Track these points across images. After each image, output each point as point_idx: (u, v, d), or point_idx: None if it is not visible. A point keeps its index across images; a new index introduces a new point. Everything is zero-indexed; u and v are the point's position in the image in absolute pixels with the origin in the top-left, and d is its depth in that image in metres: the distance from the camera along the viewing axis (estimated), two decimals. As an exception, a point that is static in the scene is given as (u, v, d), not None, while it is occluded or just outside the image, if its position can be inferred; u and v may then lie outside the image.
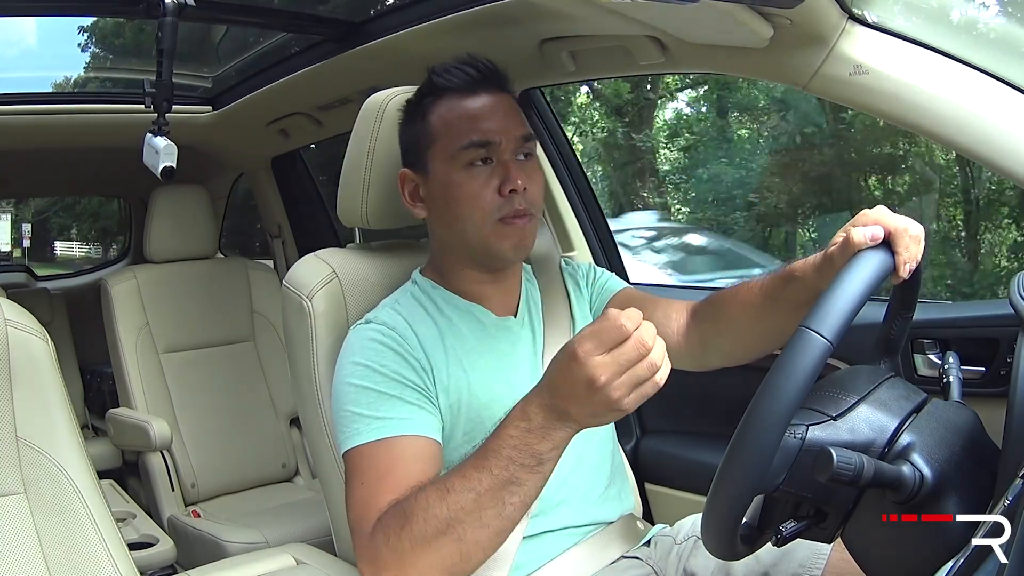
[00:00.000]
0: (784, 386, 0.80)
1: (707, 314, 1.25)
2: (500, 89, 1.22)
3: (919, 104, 1.14)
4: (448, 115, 1.19)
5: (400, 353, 1.14)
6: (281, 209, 2.86)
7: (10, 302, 1.10)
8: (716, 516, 0.85)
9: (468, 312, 1.24)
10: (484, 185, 1.16)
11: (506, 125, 1.18)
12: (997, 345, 1.30)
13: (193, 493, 2.41)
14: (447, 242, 1.24)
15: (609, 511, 1.28)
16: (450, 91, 1.20)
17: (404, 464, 1.06)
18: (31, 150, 2.55)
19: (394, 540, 0.98)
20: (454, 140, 1.17)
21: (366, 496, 1.05)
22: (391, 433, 1.08)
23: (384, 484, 1.04)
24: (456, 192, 1.17)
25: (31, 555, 1.03)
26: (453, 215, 1.19)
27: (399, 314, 1.20)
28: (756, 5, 1.12)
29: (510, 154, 1.18)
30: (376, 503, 1.03)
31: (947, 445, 0.87)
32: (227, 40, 2.46)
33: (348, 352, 1.17)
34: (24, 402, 1.05)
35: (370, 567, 1.02)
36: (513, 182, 1.16)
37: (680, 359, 1.29)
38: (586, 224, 1.96)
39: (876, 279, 0.90)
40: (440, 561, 0.97)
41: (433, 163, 1.20)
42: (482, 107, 1.19)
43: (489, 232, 1.17)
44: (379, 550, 1.00)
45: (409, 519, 0.98)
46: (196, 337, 2.56)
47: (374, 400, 1.10)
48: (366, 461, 1.07)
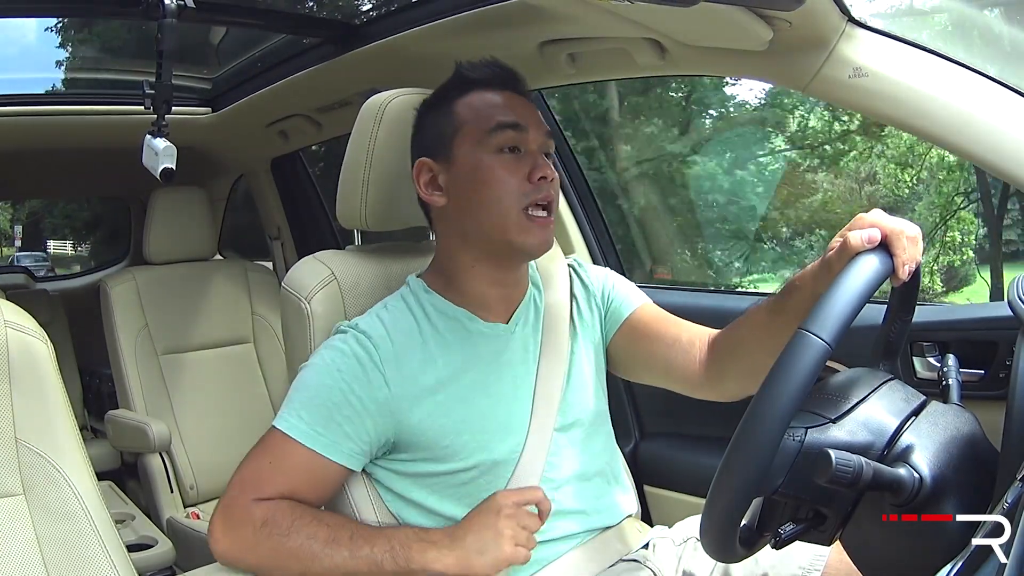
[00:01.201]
0: (783, 388, 0.80)
1: (723, 343, 1.25)
2: (521, 92, 1.24)
3: (918, 107, 1.14)
4: (477, 103, 1.21)
5: (364, 366, 1.15)
6: (280, 211, 2.86)
7: (9, 303, 1.10)
8: (715, 518, 0.85)
9: (455, 319, 1.22)
10: (513, 171, 1.17)
11: (532, 117, 1.21)
12: (996, 348, 1.30)
13: (192, 495, 2.41)
14: (461, 231, 1.22)
15: (608, 514, 1.28)
16: (478, 84, 1.22)
17: (302, 471, 1.13)
18: (30, 151, 2.55)
19: (266, 530, 1.09)
20: (483, 123, 1.19)
21: (266, 472, 1.13)
22: (305, 441, 1.13)
23: (284, 476, 1.13)
24: (485, 175, 1.17)
25: (30, 556, 1.03)
26: (479, 199, 1.18)
27: (381, 322, 1.19)
28: (755, 7, 1.12)
29: (537, 147, 1.20)
30: (270, 484, 1.12)
31: (946, 448, 0.87)
32: (227, 41, 2.46)
33: (323, 345, 1.20)
34: (23, 404, 1.05)
35: (227, 525, 1.11)
36: (543, 170, 1.17)
37: (700, 388, 1.30)
38: (585, 225, 1.96)
39: (874, 281, 0.90)
40: (275, 570, 1.10)
41: (460, 148, 1.20)
42: (509, 99, 1.21)
43: (514, 222, 1.17)
44: (247, 522, 1.10)
45: (293, 531, 1.09)
46: (195, 339, 2.56)
47: (310, 400, 1.15)
48: (280, 446, 1.14)
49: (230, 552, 1.11)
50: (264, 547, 1.09)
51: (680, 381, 1.31)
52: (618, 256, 2.01)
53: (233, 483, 1.14)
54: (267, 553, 1.09)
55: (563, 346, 1.27)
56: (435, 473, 1.17)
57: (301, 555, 1.08)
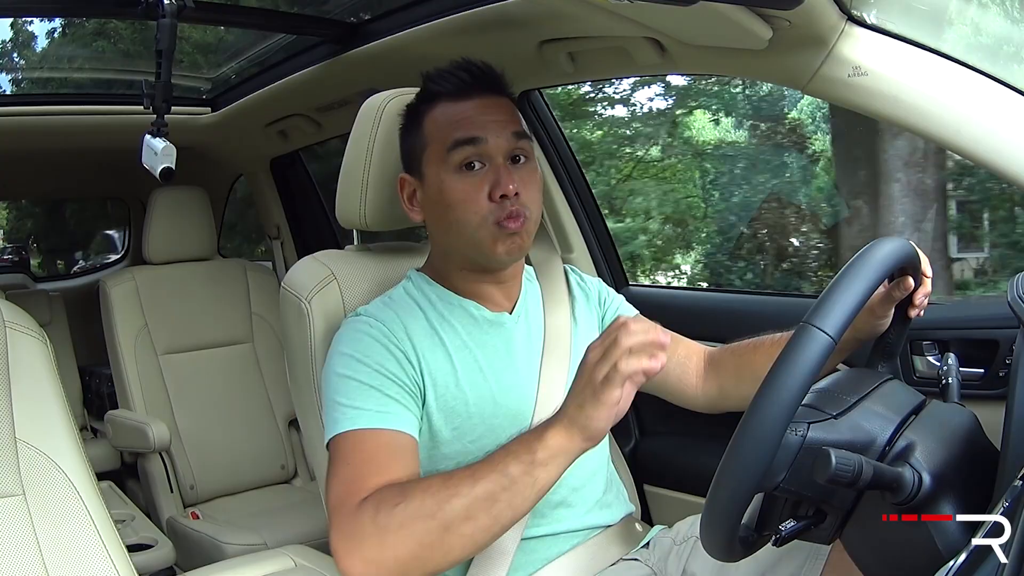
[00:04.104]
0: (787, 381, 0.80)
1: (727, 363, 1.26)
2: (495, 92, 1.22)
3: (918, 106, 1.14)
4: (439, 118, 1.19)
5: (385, 345, 1.14)
6: (280, 210, 2.87)
7: (8, 303, 1.10)
8: (716, 516, 0.85)
9: (460, 307, 1.24)
10: (476, 189, 1.16)
11: (496, 123, 1.18)
12: (996, 347, 1.30)
13: (192, 495, 2.41)
14: (444, 245, 1.24)
15: (608, 514, 1.28)
16: (443, 96, 1.20)
17: (384, 453, 1.07)
18: (29, 151, 2.55)
19: (384, 516, 0.98)
20: (443, 141, 1.17)
21: (352, 475, 1.05)
22: (370, 424, 1.08)
23: (370, 467, 1.05)
24: (449, 196, 1.17)
25: (30, 557, 1.02)
26: (447, 219, 1.18)
27: (389, 308, 1.20)
28: (754, 6, 1.12)
29: (502, 157, 1.17)
30: (363, 483, 1.03)
31: (946, 447, 0.87)
32: (226, 41, 2.46)
33: (336, 343, 1.17)
34: (23, 403, 1.06)
35: (347, 541, 1.00)
36: (504, 187, 1.15)
37: (694, 401, 1.33)
38: (585, 226, 1.96)
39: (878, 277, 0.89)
40: (420, 548, 0.97)
41: (427, 167, 1.20)
42: (472, 108, 1.18)
43: (484, 236, 1.16)
44: (362, 524, 0.99)
45: (407, 497, 0.98)
46: (195, 339, 2.56)
47: (354, 390, 1.10)
48: (351, 446, 1.08)
49: (369, 562, 0.98)
50: (391, 529, 0.97)
51: (675, 395, 1.35)
52: (619, 258, 2.00)
53: (331, 508, 1.04)
54: (399, 532, 0.97)
55: (565, 340, 1.28)
56: (445, 456, 1.17)
57: (427, 510, 0.97)
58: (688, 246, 4.93)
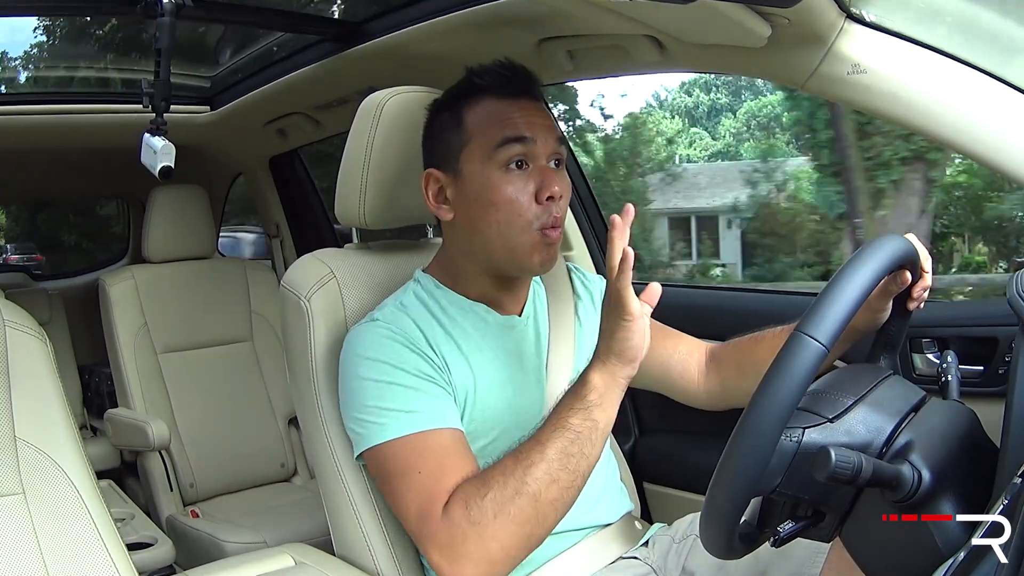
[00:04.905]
0: (779, 391, 0.81)
1: (729, 358, 1.26)
2: (536, 96, 1.21)
3: (917, 103, 1.14)
4: (485, 114, 1.18)
5: (414, 351, 1.14)
6: (279, 209, 2.86)
7: (8, 302, 1.10)
8: (714, 516, 0.85)
9: (472, 311, 1.23)
10: (521, 190, 1.15)
11: (542, 126, 1.18)
12: (996, 344, 1.30)
13: (192, 493, 2.41)
14: (468, 246, 1.21)
15: (607, 512, 1.28)
16: (487, 92, 1.19)
17: (451, 452, 1.08)
18: (28, 151, 2.54)
19: (475, 511, 1.00)
20: (490, 137, 1.16)
21: (427, 482, 1.05)
22: (429, 426, 1.08)
23: (443, 469, 1.06)
24: (493, 195, 1.15)
25: (29, 556, 1.02)
26: (487, 219, 1.16)
27: (405, 315, 1.19)
28: (754, 4, 1.12)
29: (546, 159, 1.17)
30: (441, 487, 1.04)
31: (945, 444, 0.87)
32: (225, 40, 2.46)
33: (359, 348, 1.15)
34: (22, 402, 1.05)
35: (448, 550, 1.01)
36: (550, 188, 1.14)
37: (697, 397, 1.33)
38: (584, 224, 1.96)
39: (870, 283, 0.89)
40: (520, 527, 1.00)
41: (468, 164, 1.18)
42: (519, 108, 1.18)
43: (525, 241, 1.15)
44: (457, 526, 1.00)
45: (489, 485, 1.01)
46: (194, 337, 2.56)
47: (399, 394, 1.10)
48: (413, 451, 1.07)
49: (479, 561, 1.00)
50: (487, 521, 0.99)
51: (678, 392, 1.36)
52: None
53: (415, 521, 1.05)
54: (496, 521, 0.99)
55: (569, 340, 1.28)
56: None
57: (512, 489, 0.99)
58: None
